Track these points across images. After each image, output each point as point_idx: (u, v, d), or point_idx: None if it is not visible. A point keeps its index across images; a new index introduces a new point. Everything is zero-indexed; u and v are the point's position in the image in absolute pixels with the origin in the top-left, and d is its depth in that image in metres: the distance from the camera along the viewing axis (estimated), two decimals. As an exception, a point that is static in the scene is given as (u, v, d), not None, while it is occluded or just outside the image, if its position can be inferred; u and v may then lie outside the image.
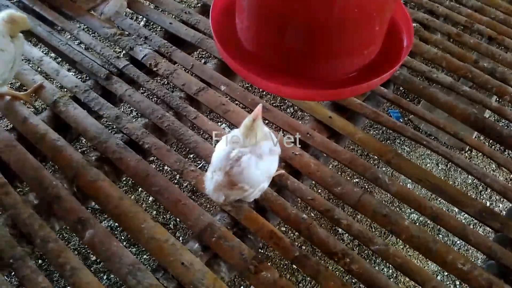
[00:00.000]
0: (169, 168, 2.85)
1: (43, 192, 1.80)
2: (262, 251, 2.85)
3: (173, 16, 2.64)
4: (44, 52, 2.74)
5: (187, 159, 1.97)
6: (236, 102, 2.20)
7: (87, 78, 2.47)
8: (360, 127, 2.24)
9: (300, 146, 2.01)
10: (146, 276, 1.58)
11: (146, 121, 2.11)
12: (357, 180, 3.20)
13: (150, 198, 3.10)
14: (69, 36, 2.58)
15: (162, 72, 2.28)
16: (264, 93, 3.52)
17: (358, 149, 3.37)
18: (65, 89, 2.26)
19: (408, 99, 2.58)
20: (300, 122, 2.10)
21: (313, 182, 1.97)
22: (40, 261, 2.65)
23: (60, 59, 3.08)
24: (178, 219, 2.94)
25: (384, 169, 3.19)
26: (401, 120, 3.69)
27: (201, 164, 3.12)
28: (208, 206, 3.01)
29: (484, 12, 2.73)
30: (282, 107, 3.52)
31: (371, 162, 3.31)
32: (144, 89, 2.27)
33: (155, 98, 2.32)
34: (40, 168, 1.88)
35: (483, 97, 2.24)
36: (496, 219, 1.81)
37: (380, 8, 1.63)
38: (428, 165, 3.43)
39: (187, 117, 2.10)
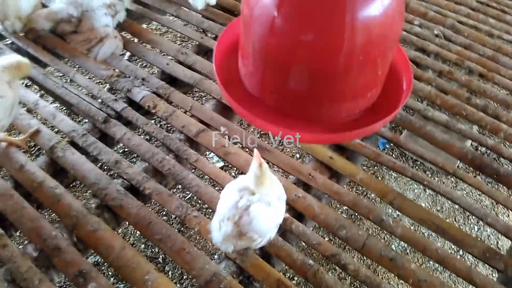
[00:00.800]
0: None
1: (42, 244, 1.75)
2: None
3: (170, 57, 2.64)
4: (39, 95, 2.70)
5: (189, 204, 1.94)
6: (236, 142, 2.20)
7: (85, 121, 2.43)
8: (359, 165, 2.25)
9: (303, 188, 2.01)
10: None
11: (146, 165, 2.08)
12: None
13: (138, 232, 3.03)
14: (65, 79, 2.54)
15: (161, 114, 2.27)
16: (262, 132, 3.55)
17: (361, 190, 3.41)
18: (62, 133, 2.22)
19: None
20: (299, 162, 2.10)
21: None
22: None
23: (57, 102, 3.06)
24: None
25: (386, 209, 3.22)
26: (387, 146, 3.76)
27: (204, 208, 3.12)
28: (210, 247, 2.96)
29: (472, 49, 2.81)
30: (280, 148, 3.55)
31: (373, 200, 3.35)
32: (143, 131, 2.24)
33: (154, 141, 2.30)
34: (38, 218, 1.83)
35: (478, 135, 2.28)
36: (500, 259, 1.81)
37: (383, 54, 1.67)
38: (415, 190, 3.47)
39: (188, 160, 2.08)
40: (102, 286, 1.64)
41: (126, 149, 3.28)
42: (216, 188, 2.00)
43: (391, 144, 3.71)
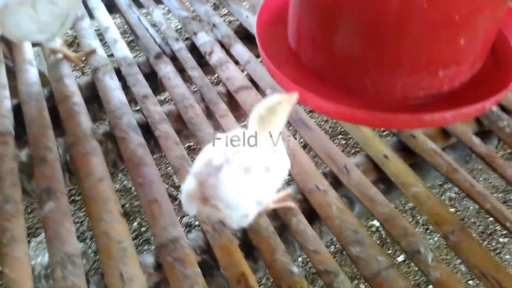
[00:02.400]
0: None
1: (34, 150, 1.66)
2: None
3: (253, 10, 2.38)
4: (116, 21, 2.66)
5: (191, 160, 1.65)
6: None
7: (141, 54, 2.33)
8: (425, 181, 1.66)
9: (331, 181, 1.54)
10: (75, 274, 1.30)
11: (172, 108, 1.86)
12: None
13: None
14: (145, 11, 2.48)
15: (213, 61, 2.03)
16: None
17: (410, 207, 2.58)
18: (114, 59, 2.14)
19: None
20: (339, 149, 1.62)
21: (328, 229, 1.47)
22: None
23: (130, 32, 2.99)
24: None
25: (432, 241, 2.39)
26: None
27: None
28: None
29: None
30: (329, 132, 2.82)
31: (419, 228, 2.51)
32: (188, 75, 2.02)
33: (194, 87, 2.06)
34: (46, 127, 1.76)
35: None
36: None
37: (474, 13, 1.12)
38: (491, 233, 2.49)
39: (214, 113, 1.78)
40: (59, 208, 1.47)
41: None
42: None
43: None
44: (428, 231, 2.49)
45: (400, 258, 2.32)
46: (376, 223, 2.46)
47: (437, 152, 1.58)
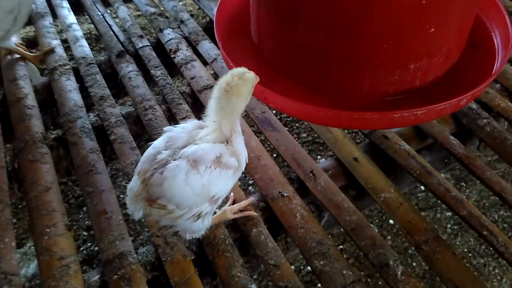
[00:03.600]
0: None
1: (-21, 159, 1.54)
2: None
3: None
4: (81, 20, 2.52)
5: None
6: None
7: (105, 53, 2.21)
8: (400, 186, 1.55)
9: (296, 187, 1.42)
10: (9, 294, 1.18)
11: (131, 110, 1.74)
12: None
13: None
14: (111, 9, 2.35)
15: (178, 60, 1.90)
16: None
17: (379, 213, 2.11)
18: (73, 59, 2.01)
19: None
20: (309, 156, 1.50)
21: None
22: None
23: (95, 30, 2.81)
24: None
25: (401, 255, 1.97)
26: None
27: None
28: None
29: None
30: (296, 132, 2.41)
31: (389, 237, 2.04)
32: (150, 75, 1.90)
33: (155, 87, 1.94)
34: (-6, 134, 1.63)
35: None
36: None
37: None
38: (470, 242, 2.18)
39: (176, 115, 1.66)
40: (1, 220, 1.34)
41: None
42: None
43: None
44: (401, 243, 2.06)
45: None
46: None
47: (410, 153, 1.46)
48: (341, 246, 1.88)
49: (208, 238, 1.28)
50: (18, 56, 1.98)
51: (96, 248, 1.53)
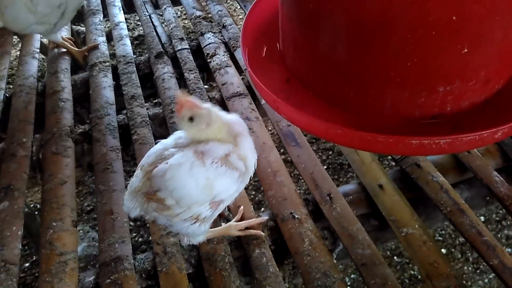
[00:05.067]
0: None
1: (8, 145, 1.59)
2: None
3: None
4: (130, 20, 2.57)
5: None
6: (266, 120, 1.64)
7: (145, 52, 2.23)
8: (430, 222, 1.39)
9: (310, 209, 1.32)
10: (6, 284, 1.18)
11: (158, 111, 1.72)
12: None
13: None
14: (159, 11, 2.38)
15: (213, 64, 1.87)
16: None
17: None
18: (114, 56, 2.05)
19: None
20: (330, 177, 1.39)
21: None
22: None
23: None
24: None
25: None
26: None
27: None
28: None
29: None
30: (320, 151, 2.35)
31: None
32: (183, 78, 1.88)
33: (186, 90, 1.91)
34: (27, 121, 1.69)
35: None
36: None
37: (471, 11, 0.87)
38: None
39: (200, 121, 1.62)
40: (12, 209, 1.37)
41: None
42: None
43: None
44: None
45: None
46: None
47: (443, 187, 1.30)
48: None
49: (208, 253, 1.21)
50: (63, 50, 2.05)
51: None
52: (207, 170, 0.96)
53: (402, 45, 0.93)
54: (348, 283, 1.79)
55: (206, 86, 1.83)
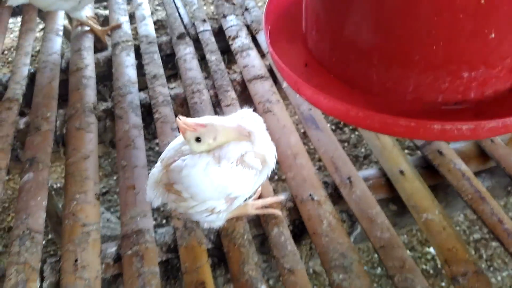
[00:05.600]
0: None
1: (33, 119, 1.62)
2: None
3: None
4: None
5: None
6: (287, 104, 1.64)
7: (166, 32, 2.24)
8: (450, 209, 1.38)
9: (330, 192, 1.33)
10: (31, 251, 1.21)
11: (180, 91, 1.74)
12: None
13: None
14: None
15: (235, 47, 1.87)
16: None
17: (412, 244, 2.01)
18: (136, 36, 2.07)
19: None
20: (350, 161, 1.39)
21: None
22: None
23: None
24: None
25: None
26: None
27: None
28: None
29: None
30: (339, 132, 2.42)
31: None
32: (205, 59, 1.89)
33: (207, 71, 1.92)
34: (51, 97, 1.72)
35: None
36: None
37: None
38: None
39: (221, 102, 1.63)
40: (37, 180, 1.40)
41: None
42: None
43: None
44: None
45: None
46: (432, 250, 1.95)
47: (465, 174, 1.30)
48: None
49: (227, 230, 1.23)
50: (87, 28, 2.07)
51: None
52: (222, 170, 0.98)
53: (428, 28, 0.92)
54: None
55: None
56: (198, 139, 0.97)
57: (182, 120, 0.95)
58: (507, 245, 1.12)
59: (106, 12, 2.69)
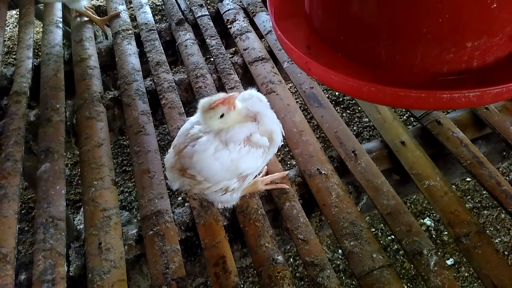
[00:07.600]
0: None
1: (42, 111, 1.66)
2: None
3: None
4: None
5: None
6: (289, 83, 1.69)
7: (165, 19, 2.27)
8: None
9: (336, 166, 1.40)
10: (56, 237, 1.28)
11: (183, 77, 1.78)
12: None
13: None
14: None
15: (234, 30, 1.91)
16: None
17: (423, 201, 2.16)
18: (136, 24, 2.10)
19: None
20: (353, 135, 1.46)
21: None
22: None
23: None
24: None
25: (439, 242, 2.01)
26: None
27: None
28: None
29: None
30: (341, 106, 2.47)
31: (433, 223, 2.11)
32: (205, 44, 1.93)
33: (209, 56, 1.96)
34: (58, 88, 1.76)
35: None
36: None
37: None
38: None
39: (225, 85, 1.68)
40: (54, 170, 1.45)
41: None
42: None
43: None
44: (439, 233, 2.06)
45: (450, 262, 1.97)
46: (428, 221, 2.11)
47: (463, 142, 1.37)
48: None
49: (242, 206, 1.30)
50: (86, 18, 2.09)
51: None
52: (231, 153, 1.05)
53: (435, 1, 0.98)
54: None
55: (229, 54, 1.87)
56: (222, 116, 1.02)
57: (235, 94, 1.01)
58: (506, 205, 1.20)
59: (100, 2, 2.71)
